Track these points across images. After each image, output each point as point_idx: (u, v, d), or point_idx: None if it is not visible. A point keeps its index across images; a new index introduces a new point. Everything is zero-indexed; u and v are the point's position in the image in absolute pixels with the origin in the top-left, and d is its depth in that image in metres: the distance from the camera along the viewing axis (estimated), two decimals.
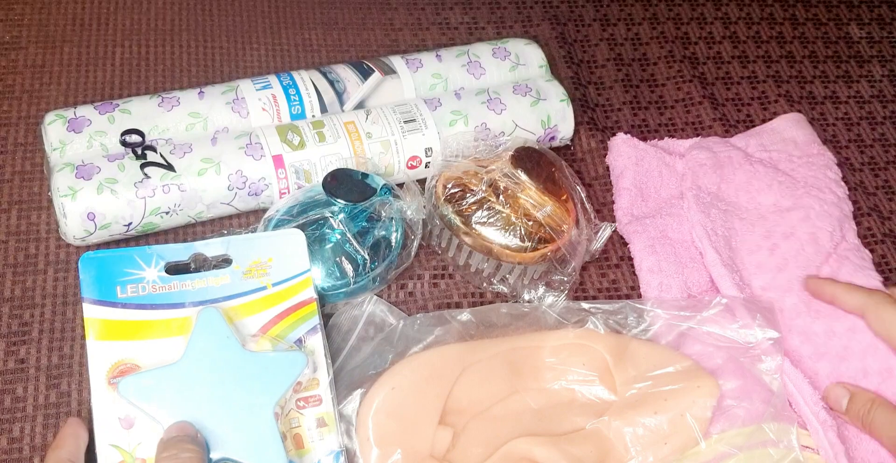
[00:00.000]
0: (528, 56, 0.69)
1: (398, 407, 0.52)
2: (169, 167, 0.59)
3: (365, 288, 0.58)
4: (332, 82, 0.65)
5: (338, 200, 0.57)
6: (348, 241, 0.57)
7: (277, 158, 0.60)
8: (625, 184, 0.66)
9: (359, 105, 0.65)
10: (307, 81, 0.64)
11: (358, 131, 0.62)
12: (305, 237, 0.55)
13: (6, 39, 0.71)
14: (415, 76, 0.66)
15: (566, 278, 0.60)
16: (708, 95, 0.75)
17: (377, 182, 0.59)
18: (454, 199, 0.60)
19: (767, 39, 0.80)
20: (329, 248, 0.57)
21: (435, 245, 0.63)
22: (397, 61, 0.67)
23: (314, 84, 0.64)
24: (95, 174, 0.58)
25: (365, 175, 0.59)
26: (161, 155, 0.59)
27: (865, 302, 0.58)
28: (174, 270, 0.53)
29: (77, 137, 0.60)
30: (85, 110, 0.61)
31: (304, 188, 0.60)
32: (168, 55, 0.72)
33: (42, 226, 0.62)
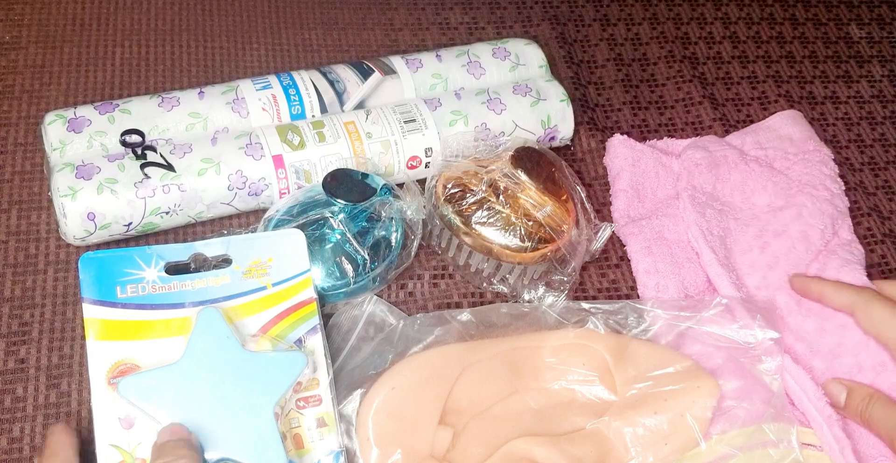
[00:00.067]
0: (528, 56, 0.69)
1: (398, 407, 0.52)
2: (169, 167, 0.59)
3: (365, 288, 0.58)
4: (332, 82, 0.65)
5: (338, 200, 0.57)
6: (348, 241, 0.57)
7: (277, 158, 0.60)
8: (621, 185, 0.66)
9: (359, 105, 0.65)
10: (307, 81, 0.64)
11: (358, 131, 0.62)
12: (305, 237, 0.55)
13: (6, 39, 0.71)
14: (415, 76, 0.66)
15: (566, 278, 0.60)
16: (708, 95, 0.75)
17: (377, 182, 0.59)
18: (454, 199, 0.60)
19: (767, 39, 0.80)
20: (329, 248, 0.57)
21: (435, 245, 0.63)
22: (397, 61, 0.67)
23: (314, 84, 0.64)
24: (95, 174, 0.58)
25: (365, 175, 0.59)
26: (161, 155, 0.59)
27: (854, 300, 0.58)
28: (174, 270, 0.53)
29: (77, 137, 0.60)
30: (85, 110, 0.61)
31: (304, 188, 0.60)
32: (168, 55, 0.72)
33: (42, 226, 0.62)
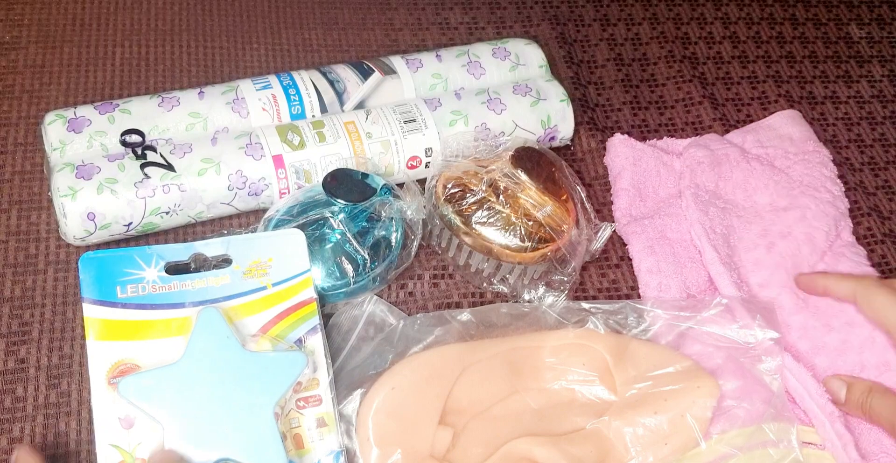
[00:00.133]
0: (528, 56, 0.69)
1: (398, 407, 0.52)
2: (169, 167, 0.59)
3: (365, 288, 0.58)
4: (332, 82, 0.65)
5: (338, 200, 0.57)
6: (348, 241, 0.57)
7: (277, 158, 0.60)
8: (623, 184, 0.66)
9: (359, 105, 0.65)
10: (307, 81, 0.64)
11: (358, 131, 0.62)
12: (305, 237, 0.55)
13: (6, 39, 0.71)
14: (415, 76, 0.66)
15: (566, 278, 0.60)
16: (708, 95, 0.75)
17: (377, 182, 0.59)
18: (454, 199, 0.60)
19: (767, 39, 0.80)
20: (329, 248, 0.57)
21: (435, 245, 0.63)
22: (397, 61, 0.67)
23: (314, 84, 0.64)
24: (95, 174, 0.58)
25: (365, 175, 0.59)
26: (161, 155, 0.59)
27: (854, 288, 0.58)
28: (174, 270, 0.53)
29: (77, 137, 0.60)
30: (85, 110, 0.61)
31: (304, 188, 0.60)
32: (168, 55, 0.72)
33: (42, 226, 0.62)
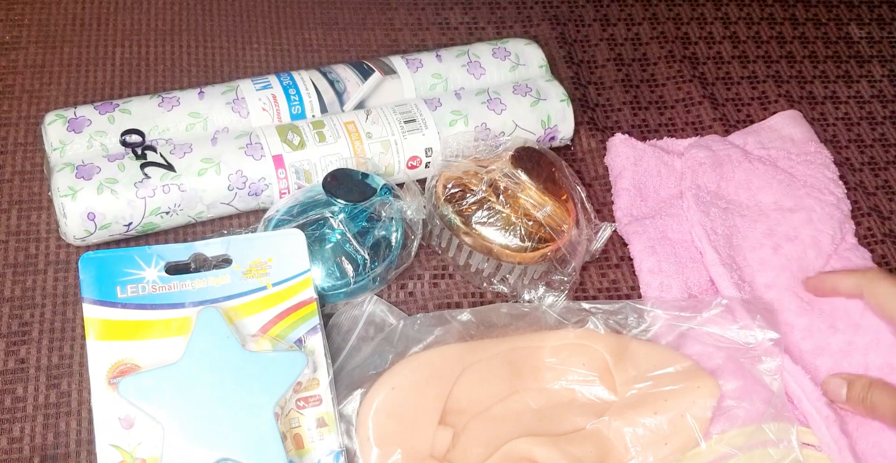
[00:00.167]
0: (528, 56, 0.69)
1: (398, 407, 0.52)
2: (169, 167, 0.59)
3: (365, 288, 0.58)
4: (332, 82, 0.65)
5: (338, 200, 0.57)
6: (348, 241, 0.57)
7: (277, 158, 0.60)
8: (624, 184, 0.66)
9: (359, 105, 0.65)
10: (307, 81, 0.64)
11: (358, 131, 0.62)
12: (305, 237, 0.55)
13: (6, 39, 0.71)
14: (415, 76, 0.66)
15: (566, 278, 0.60)
16: (708, 95, 0.75)
17: (377, 182, 0.59)
18: (454, 199, 0.60)
19: (767, 39, 0.80)
20: (329, 248, 0.57)
21: (435, 245, 0.63)
22: (397, 61, 0.67)
23: (314, 84, 0.64)
24: (95, 174, 0.58)
25: (365, 175, 0.59)
26: (161, 155, 0.59)
27: (859, 281, 0.58)
28: (174, 270, 0.53)
29: (77, 137, 0.60)
30: (85, 110, 0.61)
31: (304, 188, 0.60)
32: (168, 55, 0.72)
33: (42, 226, 0.62)
